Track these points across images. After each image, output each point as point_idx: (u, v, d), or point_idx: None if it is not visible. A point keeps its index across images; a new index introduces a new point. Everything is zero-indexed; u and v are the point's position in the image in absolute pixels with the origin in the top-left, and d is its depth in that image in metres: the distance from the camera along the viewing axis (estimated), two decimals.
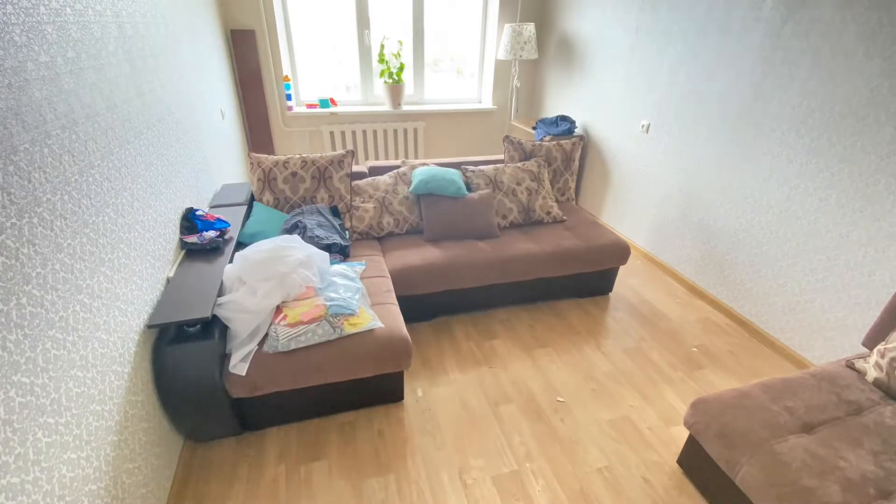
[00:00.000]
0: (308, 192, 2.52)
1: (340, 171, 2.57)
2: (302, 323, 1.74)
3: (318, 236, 2.26)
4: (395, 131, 4.22)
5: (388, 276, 2.28)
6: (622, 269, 3.22)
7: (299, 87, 4.05)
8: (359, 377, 1.85)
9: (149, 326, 1.53)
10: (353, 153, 2.63)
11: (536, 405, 2.08)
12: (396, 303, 2.08)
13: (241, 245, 2.23)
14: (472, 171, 2.84)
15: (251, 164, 2.50)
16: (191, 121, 2.33)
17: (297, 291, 1.84)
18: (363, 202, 2.65)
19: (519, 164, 2.92)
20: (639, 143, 3.28)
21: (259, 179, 2.49)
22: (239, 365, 1.67)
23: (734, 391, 1.65)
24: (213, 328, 1.65)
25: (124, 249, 1.47)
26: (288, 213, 2.51)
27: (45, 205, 1.10)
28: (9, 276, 0.95)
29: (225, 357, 1.71)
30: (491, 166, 2.88)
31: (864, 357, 1.78)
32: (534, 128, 3.98)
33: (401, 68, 3.95)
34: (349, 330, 1.80)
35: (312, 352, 1.74)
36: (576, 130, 3.77)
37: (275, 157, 2.51)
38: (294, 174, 2.50)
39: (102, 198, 1.36)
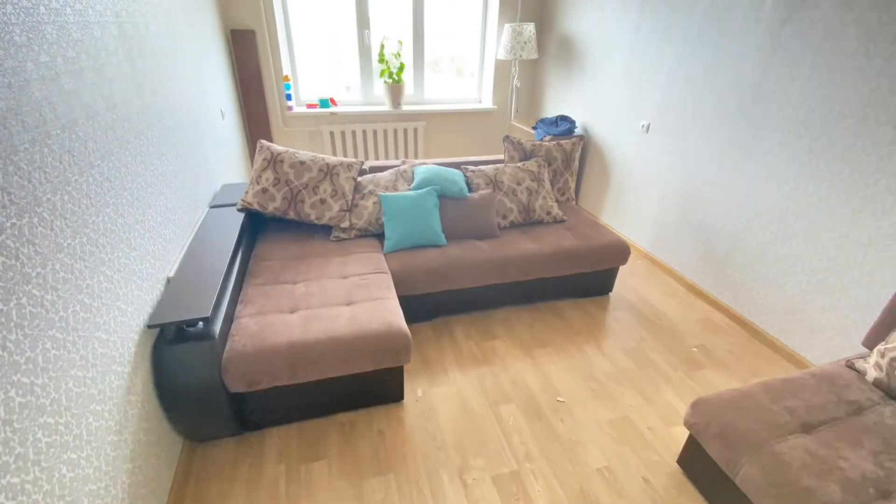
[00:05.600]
0: (312, 181, 2.49)
1: (348, 173, 2.57)
2: None
3: None
4: (395, 131, 4.22)
5: (388, 272, 2.28)
6: (622, 269, 3.22)
7: (299, 87, 4.05)
8: (357, 371, 1.84)
9: (149, 326, 1.53)
10: (362, 164, 2.64)
11: (536, 405, 2.08)
12: (396, 298, 2.08)
13: None
14: (473, 171, 2.84)
15: (259, 147, 2.48)
16: (191, 121, 2.33)
17: None
18: (361, 199, 2.65)
19: (519, 164, 2.92)
20: (639, 143, 3.28)
21: (265, 159, 2.46)
22: None
23: (734, 391, 1.65)
24: (213, 328, 1.65)
25: (124, 249, 1.47)
26: (286, 201, 2.51)
27: (45, 205, 1.10)
28: (9, 276, 0.95)
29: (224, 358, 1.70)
30: (491, 166, 2.88)
31: (864, 357, 1.78)
32: (534, 128, 3.98)
33: (401, 68, 3.95)
34: None
35: (310, 346, 1.74)
36: (576, 130, 3.77)
37: (285, 147, 2.48)
38: (302, 162, 2.49)
39: (102, 198, 1.36)
